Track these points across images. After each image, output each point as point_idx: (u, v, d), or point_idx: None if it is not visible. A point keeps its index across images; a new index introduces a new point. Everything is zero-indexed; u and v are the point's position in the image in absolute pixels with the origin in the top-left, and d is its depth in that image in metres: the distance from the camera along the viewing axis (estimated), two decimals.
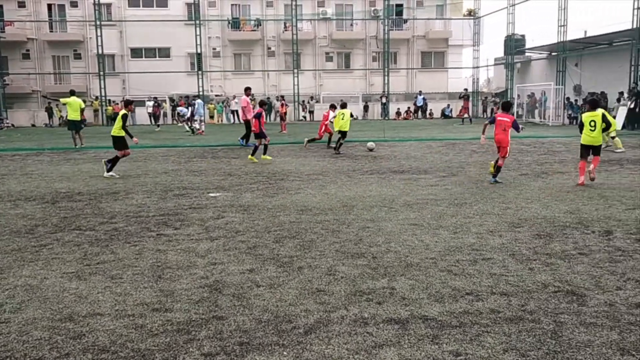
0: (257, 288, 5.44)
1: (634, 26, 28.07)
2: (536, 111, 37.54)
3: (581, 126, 11.39)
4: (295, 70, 44.28)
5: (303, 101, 45.08)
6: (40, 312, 4.88)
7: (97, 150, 20.25)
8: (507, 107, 12.17)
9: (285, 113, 31.82)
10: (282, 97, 37.23)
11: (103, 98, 43.16)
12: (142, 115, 41.78)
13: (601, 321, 4.50)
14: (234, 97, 42.17)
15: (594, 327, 4.39)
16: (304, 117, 44.80)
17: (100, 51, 42.49)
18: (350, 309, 4.85)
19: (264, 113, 16.74)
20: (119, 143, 13.63)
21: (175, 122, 40.12)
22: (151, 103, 41.80)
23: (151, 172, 14.04)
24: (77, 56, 46.04)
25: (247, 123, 21.04)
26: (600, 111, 11.23)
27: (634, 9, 27.87)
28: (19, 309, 4.95)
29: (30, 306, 5.03)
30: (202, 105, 30.57)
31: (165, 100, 44.33)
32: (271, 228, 7.92)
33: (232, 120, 42.98)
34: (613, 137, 17.26)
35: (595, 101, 11.90)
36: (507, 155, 11.46)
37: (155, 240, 7.37)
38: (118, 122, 13.52)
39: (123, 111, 13.80)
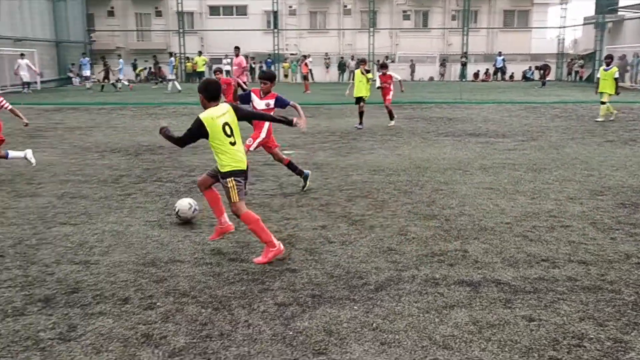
0: (329, 244, 5.53)
1: None
2: (627, 75, 35.27)
3: None
4: (371, 29, 43.51)
5: (378, 61, 44.34)
6: (126, 256, 5.19)
7: (177, 106, 20.91)
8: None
9: (309, 72, 33.29)
10: (305, 56, 36.94)
11: (182, 55, 44.12)
12: None
13: None
14: (308, 56, 42.09)
15: None
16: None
17: (180, 9, 43.25)
18: (421, 269, 4.86)
19: None
20: None
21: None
22: (228, 61, 42.33)
23: None
24: (158, 13, 47.14)
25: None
26: None
27: None
28: (107, 252, 5.28)
29: (116, 250, 5.35)
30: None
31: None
32: (343, 187, 7.98)
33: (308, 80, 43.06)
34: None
35: None
36: None
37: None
38: None
39: None
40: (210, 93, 5.03)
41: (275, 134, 7.95)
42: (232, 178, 5.03)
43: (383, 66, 15.98)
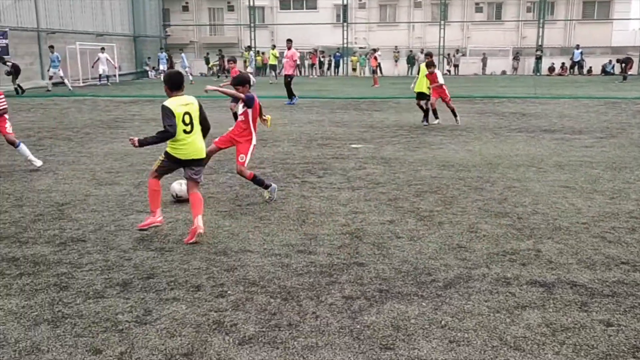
0: (397, 239, 5.49)
1: None
2: None
3: None
4: (442, 22, 42.71)
5: (448, 54, 43.54)
6: (198, 245, 5.35)
7: None
8: None
9: (378, 66, 32.76)
10: (374, 50, 36.34)
11: (253, 49, 44.82)
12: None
13: None
14: (377, 49, 41.82)
15: None
16: (448, 71, 43.33)
17: (251, 3, 43.94)
18: (492, 268, 4.75)
19: None
20: None
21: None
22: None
23: (297, 122, 14.53)
24: (231, 8, 48.13)
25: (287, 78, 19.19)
26: None
27: None
28: (180, 240, 5.46)
29: None
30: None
31: (313, 52, 45.05)
32: (412, 182, 7.90)
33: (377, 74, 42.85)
34: None
35: None
36: None
37: (300, 186, 7.68)
38: None
39: None
40: (173, 83, 5.42)
41: (344, 127, 7.95)
42: (164, 155, 5.54)
43: (430, 64, 13.80)
